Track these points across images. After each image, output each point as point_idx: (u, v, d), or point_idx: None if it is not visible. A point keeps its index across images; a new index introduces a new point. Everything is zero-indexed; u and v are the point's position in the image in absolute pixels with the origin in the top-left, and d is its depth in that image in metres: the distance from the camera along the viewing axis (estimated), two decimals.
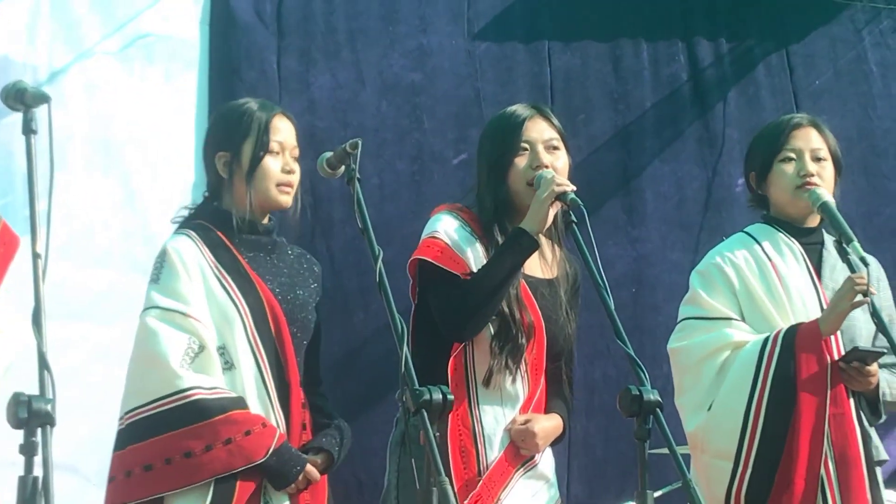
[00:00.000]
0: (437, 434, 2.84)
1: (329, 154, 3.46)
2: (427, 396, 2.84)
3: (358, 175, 3.32)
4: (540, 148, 3.83)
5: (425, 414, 2.83)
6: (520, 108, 3.92)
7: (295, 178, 3.72)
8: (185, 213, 3.77)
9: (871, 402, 3.88)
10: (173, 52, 5.41)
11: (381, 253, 3.10)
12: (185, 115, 5.30)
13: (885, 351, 3.83)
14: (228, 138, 3.72)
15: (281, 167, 3.69)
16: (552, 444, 3.86)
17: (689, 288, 4.08)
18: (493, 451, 3.68)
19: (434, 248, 3.75)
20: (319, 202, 5.41)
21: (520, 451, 3.72)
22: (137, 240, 5.10)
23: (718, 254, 4.07)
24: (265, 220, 3.75)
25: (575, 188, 3.63)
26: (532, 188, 3.75)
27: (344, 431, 3.74)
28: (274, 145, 3.69)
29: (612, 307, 3.20)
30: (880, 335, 3.97)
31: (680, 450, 3.02)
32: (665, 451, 2.98)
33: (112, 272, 5.12)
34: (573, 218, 3.51)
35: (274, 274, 3.69)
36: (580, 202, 3.53)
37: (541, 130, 3.87)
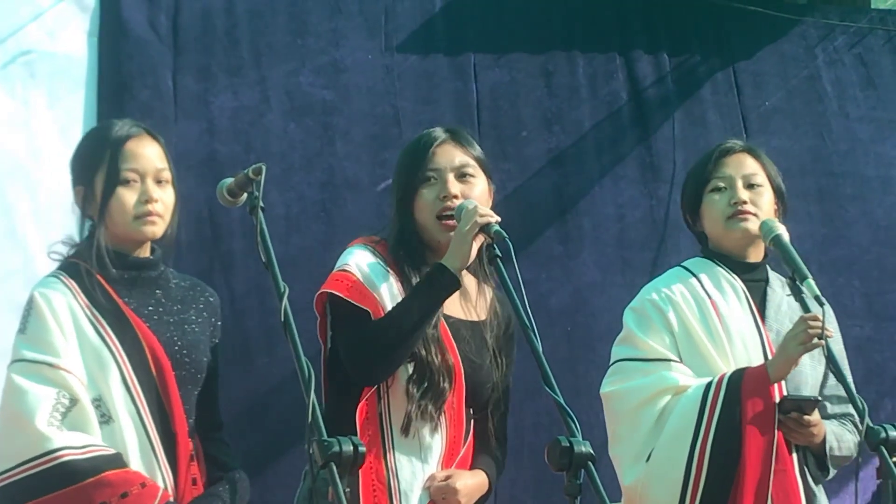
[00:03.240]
0: (348, 489, 2.85)
1: (230, 180, 3.45)
2: (336, 448, 2.84)
3: (262, 204, 3.32)
4: (449, 177, 3.82)
5: (334, 467, 2.83)
6: (432, 133, 3.92)
7: (159, 206, 3.66)
8: (61, 247, 3.74)
9: (817, 456, 3.89)
10: (58, 70, 5.33)
11: (287, 290, 3.10)
12: (70, 140, 5.21)
13: (821, 399, 3.86)
14: (83, 171, 3.71)
15: (137, 198, 3.65)
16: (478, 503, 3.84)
17: (623, 328, 4.10)
18: None
19: (344, 282, 3.74)
20: (219, 234, 5.37)
21: None
22: (18, 281, 5.00)
23: (654, 289, 4.08)
24: (144, 252, 3.72)
25: (499, 219, 3.65)
26: (441, 222, 3.78)
27: (237, 483, 3.71)
28: (127, 174, 3.64)
29: (540, 350, 3.20)
30: (827, 383, 4.00)
31: None
32: None
33: None
34: (497, 252, 3.53)
35: (160, 313, 3.66)
36: (505, 235, 3.53)
37: (451, 157, 3.86)
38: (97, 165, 3.66)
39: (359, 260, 3.81)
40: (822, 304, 3.70)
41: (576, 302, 5.88)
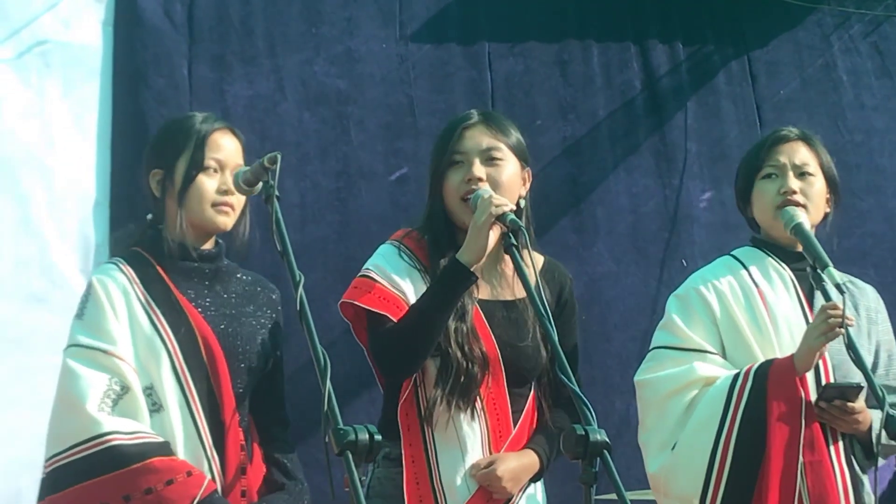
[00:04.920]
0: (364, 478, 2.84)
1: (245, 169, 3.46)
2: (352, 437, 2.83)
3: (277, 193, 3.31)
4: (475, 160, 3.83)
5: (350, 456, 2.83)
6: (464, 116, 3.92)
7: (235, 199, 3.73)
8: (128, 232, 3.79)
9: (863, 444, 3.85)
10: (73, 60, 5.35)
11: (303, 279, 3.09)
12: (85, 129, 5.25)
13: (864, 385, 3.81)
14: (163, 155, 3.75)
15: (217, 187, 3.70)
16: (534, 480, 3.85)
17: (663, 313, 4.06)
18: (455, 500, 3.68)
19: (361, 289, 3.77)
20: None
21: (493, 496, 3.73)
22: (34, 269, 5.03)
23: (701, 278, 4.05)
24: (208, 245, 3.76)
25: (514, 207, 3.64)
26: (467, 204, 3.77)
27: (297, 495, 3.73)
28: (210, 162, 3.70)
29: (556, 338, 3.20)
30: (877, 372, 3.95)
31: (630, 495, 3.02)
32: (614, 496, 2.99)
33: (5, 305, 5.05)
34: (513, 241, 3.52)
35: (217, 304, 3.70)
36: (520, 224, 3.53)
37: (478, 141, 3.86)
38: (181, 150, 3.71)
39: (380, 260, 3.83)
40: (842, 293, 3.68)
41: (590, 292, 5.86)
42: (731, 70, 6.30)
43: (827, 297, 3.79)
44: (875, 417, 3.82)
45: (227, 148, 3.76)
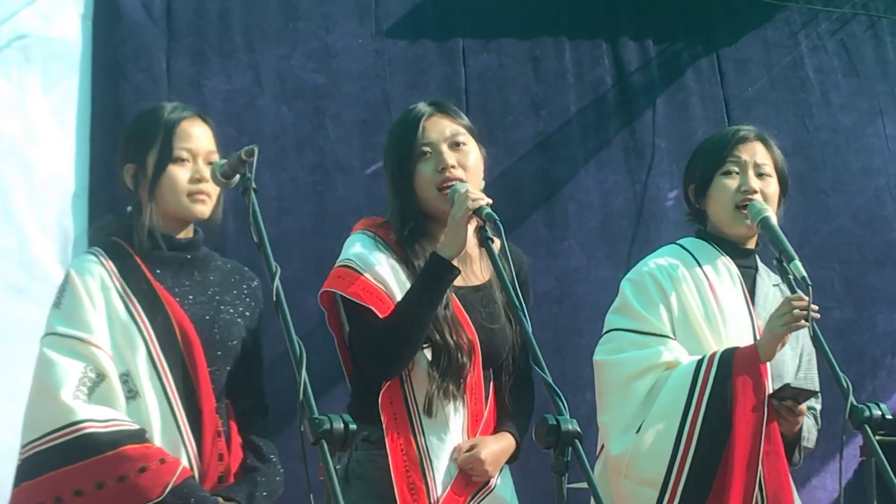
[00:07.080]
0: (338, 467, 2.85)
1: (223, 162, 3.47)
2: (327, 426, 2.85)
3: (254, 185, 3.33)
4: (443, 147, 3.84)
5: (325, 445, 2.83)
6: (417, 108, 3.94)
7: (210, 186, 3.70)
8: (107, 222, 3.78)
9: (788, 445, 3.89)
10: (53, 54, 5.31)
11: (279, 270, 3.11)
12: (65, 123, 5.22)
13: (818, 391, 3.88)
14: (134, 149, 3.73)
15: (190, 176, 3.68)
16: (508, 462, 3.88)
17: (618, 296, 4.08)
18: (441, 485, 3.70)
19: (345, 279, 3.75)
20: None
21: (472, 479, 3.75)
22: (13, 262, 5.01)
23: (655, 263, 4.08)
24: (187, 234, 3.75)
25: (490, 201, 3.65)
26: (443, 193, 3.77)
27: (269, 477, 3.72)
28: (181, 153, 3.68)
29: (530, 330, 3.22)
30: (798, 376, 4.00)
31: None
32: (584, 485, 3.01)
33: None
34: (489, 234, 3.53)
35: (195, 292, 3.69)
36: (496, 217, 3.54)
37: (441, 129, 3.88)
38: (151, 143, 3.69)
39: (360, 250, 3.81)
40: (808, 285, 3.71)
41: (561, 286, 5.87)
42: (700, 67, 6.31)
43: (792, 289, 3.82)
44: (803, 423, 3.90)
45: (197, 136, 3.74)
